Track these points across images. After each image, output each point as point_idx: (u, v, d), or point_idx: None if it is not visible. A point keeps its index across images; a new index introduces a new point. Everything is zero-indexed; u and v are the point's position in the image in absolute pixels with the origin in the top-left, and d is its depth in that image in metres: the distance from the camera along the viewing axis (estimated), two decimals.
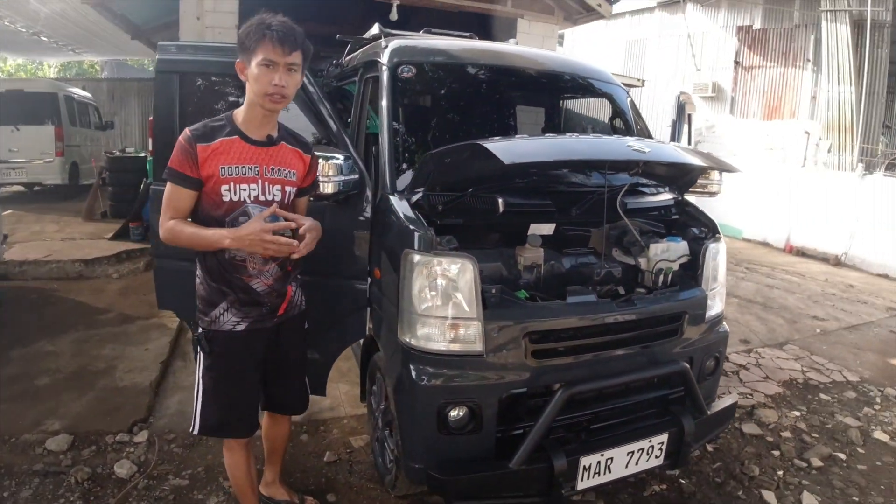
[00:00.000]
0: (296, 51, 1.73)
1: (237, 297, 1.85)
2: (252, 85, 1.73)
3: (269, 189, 1.82)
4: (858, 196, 8.20)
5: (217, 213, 1.78)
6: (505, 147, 1.72)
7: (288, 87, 1.74)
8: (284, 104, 1.79)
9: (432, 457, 2.01)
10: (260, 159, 1.81)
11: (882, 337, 5.24)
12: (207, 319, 1.87)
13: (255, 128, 1.81)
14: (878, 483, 2.87)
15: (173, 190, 1.75)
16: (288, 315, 1.98)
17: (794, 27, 12.86)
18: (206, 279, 1.86)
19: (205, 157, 1.73)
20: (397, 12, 7.05)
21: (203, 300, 1.88)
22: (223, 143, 1.76)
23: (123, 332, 4.24)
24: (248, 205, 1.79)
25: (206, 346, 1.87)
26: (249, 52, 1.71)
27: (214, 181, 1.74)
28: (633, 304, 2.22)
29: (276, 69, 1.70)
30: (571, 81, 3.01)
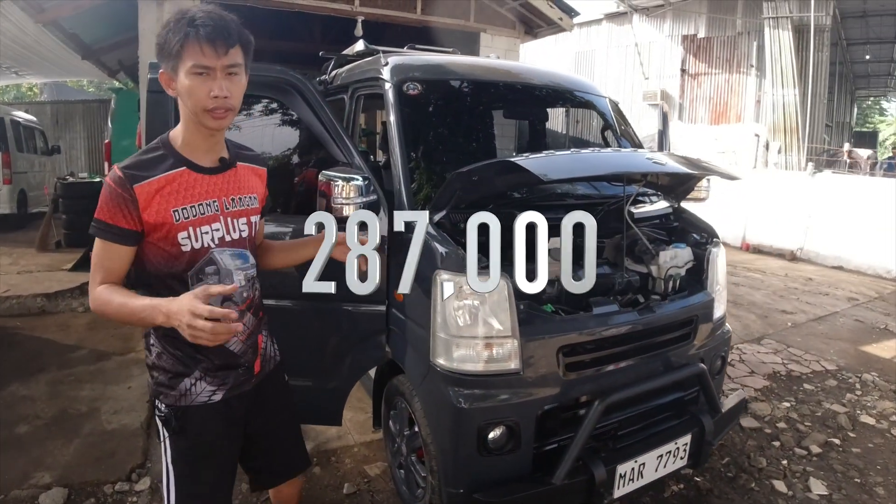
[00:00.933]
0: (233, 47, 1.33)
1: (210, 364, 1.48)
2: (186, 100, 1.34)
3: (233, 226, 1.47)
4: (810, 193, 8.65)
5: (176, 267, 1.40)
6: (540, 164, 1.74)
7: (232, 95, 1.35)
8: (230, 118, 1.39)
9: (473, 480, 1.98)
10: (218, 191, 1.45)
11: (849, 326, 5.53)
12: (175, 394, 1.47)
13: (202, 153, 1.44)
14: (875, 464, 3.03)
15: (104, 248, 1.36)
16: (265, 371, 1.63)
17: (737, 35, 13.56)
18: (167, 347, 1.45)
19: (147, 201, 1.33)
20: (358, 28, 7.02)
21: (165, 372, 1.47)
22: (169, 179, 1.37)
23: (100, 370, 4.02)
24: (213, 251, 1.43)
25: (176, 427, 1.48)
26: (174, 59, 1.31)
27: (167, 229, 1.36)
28: (653, 310, 2.27)
29: (213, 76, 1.32)
30: (566, 95, 3.08)
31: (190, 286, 1.38)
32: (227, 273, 1.43)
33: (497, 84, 2.86)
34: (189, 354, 1.46)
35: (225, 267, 1.43)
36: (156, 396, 1.50)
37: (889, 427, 3.43)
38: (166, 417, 1.48)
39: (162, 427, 1.51)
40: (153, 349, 1.48)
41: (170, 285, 1.40)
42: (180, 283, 1.40)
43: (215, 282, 1.40)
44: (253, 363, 1.57)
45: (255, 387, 1.60)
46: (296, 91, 2.38)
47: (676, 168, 2.00)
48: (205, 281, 1.40)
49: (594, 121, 3.24)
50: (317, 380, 2.52)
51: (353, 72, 3.10)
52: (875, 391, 3.95)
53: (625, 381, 2.20)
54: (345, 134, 2.30)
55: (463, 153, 2.72)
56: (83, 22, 7.25)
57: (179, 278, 1.40)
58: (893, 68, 21.10)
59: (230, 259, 1.44)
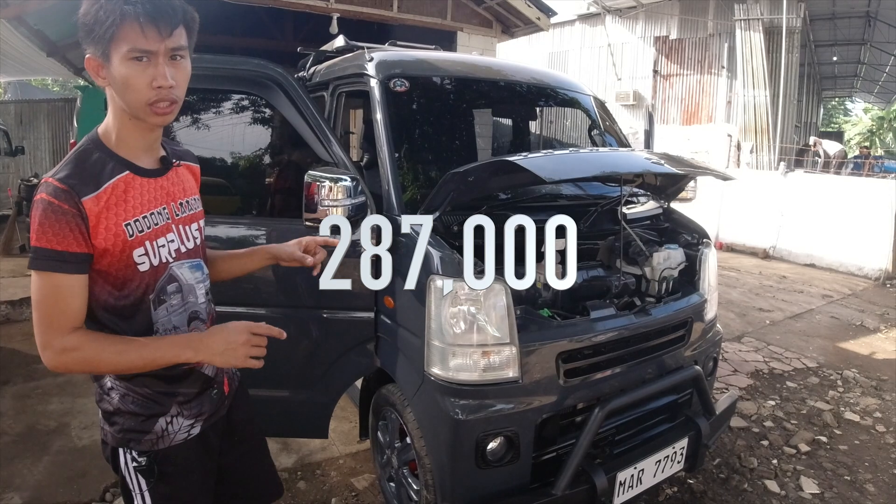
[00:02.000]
0: (178, 28, 1.12)
1: (188, 395, 1.30)
2: (122, 92, 1.12)
3: (186, 234, 1.29)
4: (782, 193, 8.81)
5: (132, 294, 1.18)
6: (541, 164, 1.67)
7: (177, 84, 1.14)
8: (175, 112, 1.18)
9: (470, 494, 1.90)
10: (165, 196, 1.25)
11: (825, 323, 5.62)
12: (150, 437, 1.25)
13: (142, 151, 1.22)
14: (863, 461, 3.05)
15: (55, 284, 1.09)
16: (232, 390, 1.46)
17: (708, 36, 13.78)
18: (132, 388, 1.23)
19: (97, 217, 1.11)
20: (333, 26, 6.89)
21: (134, 416, 1.24)
22: (115, 188, 1.15)
23: (68, 381, 3.81)
24: (172, 266, 1.23)
25: (153, 473, 1.26)
26: (106, 42, 1.08)
27: (121, 248, 1.14)
28: (649, 313, 2.23)
29: (155, 62, 1.10)
30: (554, 93, 3.03)
31: (152, 311, 1.21)
32: (189, 289, 1.27)
33: (488, 81, 2.79)
34: (162, 389, 1.26)
35: (187, 283, 1.26)
36: (122, 445, 1.26)
37: (874, 424, 3.47)
38: (145, 467, 1.26)
39: (138, 478, 1.27)
40: (113, 393, 1.24)
41: (126, 315, 1.18)
42: (139, 311, 1.19)
43: (178, 301, 1.25)
44: (223, 383, 1.41)
45: (227, 412, 1.44)
46: (277, 86, 2.27)
47: (676, 168, 1.96)
48: (167, 301, 1.23)
49: (582, 119, 3.20)
50: (301, 391, 2.42)
51: (335, 68, 2.99)
52: (857, 388, 4.00)
53: (623, 386, 2.15)
54: (330, 132, 2.20)
55: (452, 152, 2.64)
56: (48, 18, 6.95)
57: (138, 304, 1.19)
58: (860, 69, 21.78)
59: (189, 272, 1.27)
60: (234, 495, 1.50)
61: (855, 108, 31.76)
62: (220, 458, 1.43)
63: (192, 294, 1.27)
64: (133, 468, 1.26)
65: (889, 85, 23.68)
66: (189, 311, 1.28)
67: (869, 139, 24.55)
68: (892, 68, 20.47)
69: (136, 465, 1.26)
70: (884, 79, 22.59)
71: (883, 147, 23.77)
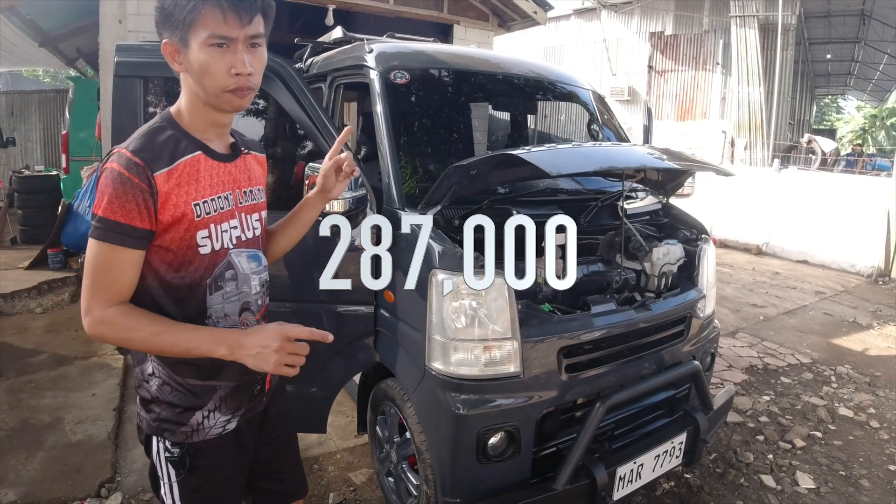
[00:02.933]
0: (256, 14, 1.13)
1: (228, 389, 1.28)
2: (199, 77, 1.13)
3: (248, 223, 1.29)
4: (776, 189, 8.85)
5: (190, 275, 1.17)
6: (546, 157, 1.66)
7: (255, 72, 1.15)
8: (250, 98, 1.19)
9: (471, 489, 1.90)
10: (232, 182, 1.26)
11: (819, 319, 5.66)
12: (185, 430, 1.25)
13: (214, 136, 1.24)
14: (857, 456, 3.08)
15: (112, 255, 1.09)
16: (273, 387, 1.45)
17: (703, 32, 13.79)
18: (173, 378, 1.23)
19: (167, 193, 1.11)
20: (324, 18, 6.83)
21: (172, 406, 1.24)
22: (188, 166, 1.16)
23: (62, 375, 3.79)
24: (231, 253, 1.23)
25: (185, 465, 1.26)
26: (184, 28, 1.10)
27: (186, 227, 1.14)
28: (650, 308, 2.23)
29: (234, 48, 1.11)
30: (554, 87, 3.01)
31: (207, 296, 1.20)
32: (244, 278, 1.25)
33: (488, 74, 2.77)
34: (203, 383, 1.25)
35: (243, 271, 1.25)
36: (156, 434, 1.26)
37: (868, 419, 3.50)
38: (178, 458, 1.25)
39: (168, 468, 1.27)
40: (153, 380, 1.24)
41: (182, 296, 1.17)
42: (196, 293, 1.18)
43: (233, 289, 1.23)
44: (265, 378, 1.38)
45: (264, 407, 1.42)
46: (277, 77, 2.24)
47: (679, 164, 1.96)
48: (224, 288, 1.22)
49: (582, 113, 3.19)
50: (300, 385, 2.40)
51: (333, 59, 2.96)
52: (850, 384, 4.03)
53: (623, 381, 2.15)
54: (330, 123, 2.17)
55: (452, 145, 2.62)
56: (41, 8, 6.87)
57: (195, 287, 1.18)
58: (853, 67, 21.90)
59: (247, 262, 1.26)
60: (264, 490, 1.48)
61: (847, 106, 31.95)
62: (254, 452, 1.41)
63: (247, 284, 1.26)
64: (165, 458, 1.26)
65: (882, 83, 23.83)
66: (242, 301, 1.26)
67: (861, 137, 24.70)
68: (885, 66, 20.60)
69: (168, 455, 1.25)
70: (877, 77, 22.74)
71: (875, 145, 23.93)
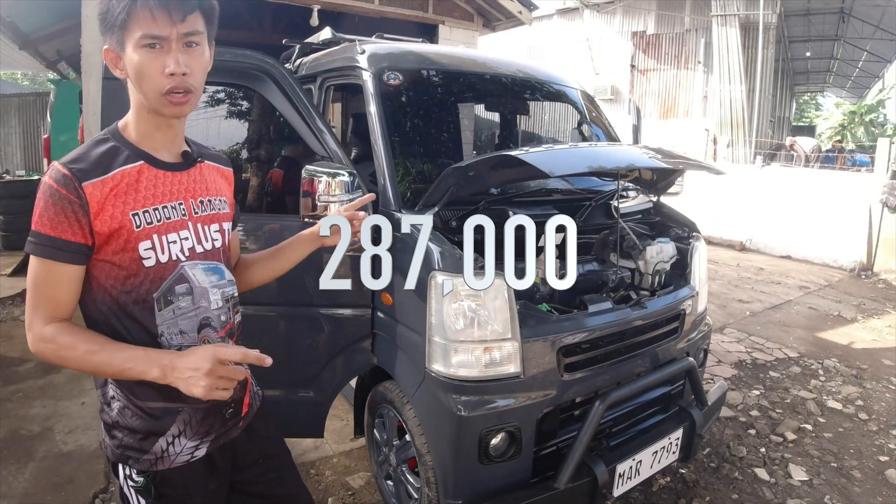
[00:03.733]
0: (192, 13, 1.09)
1: (193, 413, 1.20)
2: (137, 81, 1.09)
3: (204, 234, 1.22)
4: (759, 186, 8.98)
5: (136, 290, 1.12)
6: (544, 158, 1.67)
7: (192, 72, 1.11)
8: (192, 103, 1.14)
9: (473, 490, 1.90)
10: (183, 191, 1.20)
11: (804, 314, 5.75)
12: (149, 458, 1.18)
13: (161, 144, 1.18)
14: (848, 448, 3.14)
15: (47, 270, 1.07)
16: (252, 411, 1.37)
17: (685, 31, 13.94)
18: (132, 401, 1.17)
19: (100, 203, 1.07)
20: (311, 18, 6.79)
21: (133, 432, 1.18)
22: (126, 175, 1.12)
23: (50, 384, 3.72)
24: (183, 265, 1.17)
25: (153, 494, 1.20)
26: (119, 30, 1.07)
27: (126, 239, 1.10)
28: (645, 306, 2.25)
29: (168, 48, 1.08)
30: (544, 87, 3.03)
31: (156, 311, 1.14)
32: (202, 292, 1.18)
33: (481, 75, 2.78)
34: (164, 405, 1.18)
35: (199, 285, 1.18)
36: (121, 461, 1.20)
37: (856, 411, 3.56)
38: (143, 487, 1.19)
39: (136, 497, 1.21)
40: (114, 403, 1.18)
41: (130, 314, 1.13)
42: (143, 310, 1.13)
43: (188, 303, 1.17)
44: (242, 402, 1.30)
45: (245, 430, 1.34)
46: (269, 78, 2.22)
47: (674, 164, 1.98)
48: (175, 303, 1.16)
49: (573, 112, 3.21)
50: (297, 390, 2.39)
51: (323, 60, 2.95)
52: (838, 377, 4.11)
53: (620, 379, 2.17)
54: (325, 125, 2.16)
55: (446, 145, 2.63)
56: (21, 10, 6.75)
57: (142, 303, 1.13)
58: (833, 65, 22.27)
59: (204, 275, 1.19)
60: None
61: (826, 103, 32.48)
62: (236, 475, 1.35)
63: (205, 298, 1.19)
64: (132, 487, 1.20)
65: (861, 80, 24.27)
66: (201, 317, 1.19)
67: (841, 133, 25.15)
68: (864, 64, 20.99)
69: (133, 484, 1.20)
70: (856, 74, 23.14)
71: (855, 141, 24.39)
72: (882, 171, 7.56)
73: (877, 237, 7.64)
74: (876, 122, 25.27)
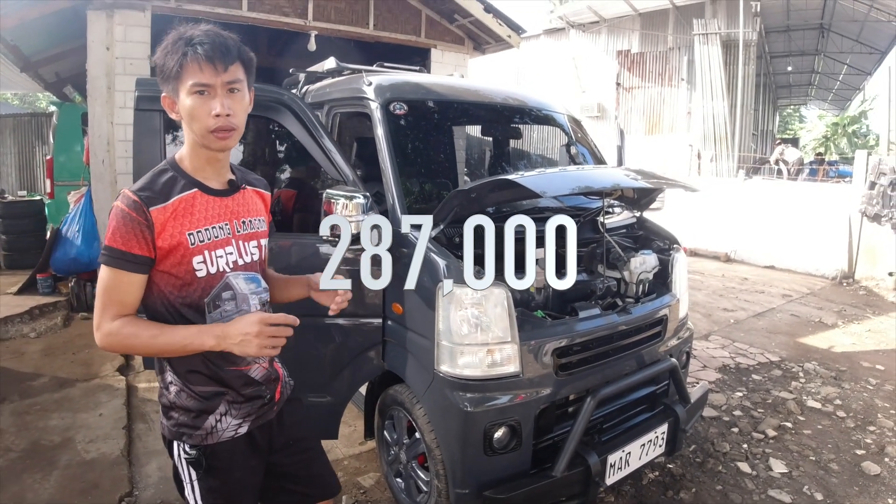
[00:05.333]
0: (233, 64, 1.32)
1: (236, 396, 1.44)
2: (189, 122, 1.33)
3: (245, 249, 1.45)
4: (742, 198, 9.29)
5: (189, 295, 1.36)
6: (535, 181, 1.90)
7: (235, 113, 1.33)
8: (235, 139, 1.38)
9: (480, 480, 2.10)
10: (229, 213, 1.44)
11: (786, 320, 6.00)
12: (200, 433, 1.42)
13: (211, 175, 1.43)
14: (826, 443, 3.36)
15: (116, 277, 1.29)
16: (283, 398, 1.60)
17: (668, 50, 14.36)
18: (186, 385, 1.41)
19: (163, 224, 1.30)
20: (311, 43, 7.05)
21: (187, 411, 1.41)
22: (183, 201, 1.35)
23: (66, 397, 3.88)
24: (228, 275, 1.39)
25: (203, 466, 1.42)
26: (174, 81, 1.31)
27: (182, 254, 1.33)
28: (630, 312, 2.47)
29: (213, 94, 1.31)
30: (535, 114, 3.28)
31: (207, 314, 1.37)
32: (243, 298, 1.39)
33: (478, 104, 3.04)
34: (213, 389, 1.42)
35: (241, 292, 1.39)
36: (177, 438, 1.43)
37: (835, 410, 3.79)
38: (195, 459, 1.41)
39: (188, 469, 1.44)
40: (171, 387, 1.42)
41: (184, 315, 1.35)
42: (195, 312, 1.36)
43: (232, 308, 1.38)
44: (274, 390, 1.54)
45: (277, 415, 1.57)
46: (288, 110, 2.44)
47: (651, 183, 2.22)
48: (222, 307, 1.38)
49: (561, 135, 3.45)
50: (313, 395, 2.58)
51: (329, 89, 3.18)
52: (817, 378, 4.35)
53: (609, 378, 2.38)
54: (340, 152, 2.38)
55: (447, 169, 2.85)
56: (25, 33, 6.91)
57: (195, 306, 1.35)
58: (814, 78, 22.90)
59: (245, 283, 1.41)
60: (284, 490, 1.61)
61: (809, 115, 33.21)
62: (270, 457, 1.56)
63: (246, 303, 1.39)
64: (185, 459, 1.43)
65: (842, 92, 24.91)
66: None
67: (824, 145, 25.77)
68: (845, 76, 21.59)
69: (187, 456, 1.42)
70: (837, 87, 23.77)
71: (838, 152, 24.99)
72: (861, 182, 7.88)
73: (857, 246, 7.94)
74: (859, 132, 25.92)
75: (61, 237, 6.02)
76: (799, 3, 13.55)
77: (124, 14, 5.85)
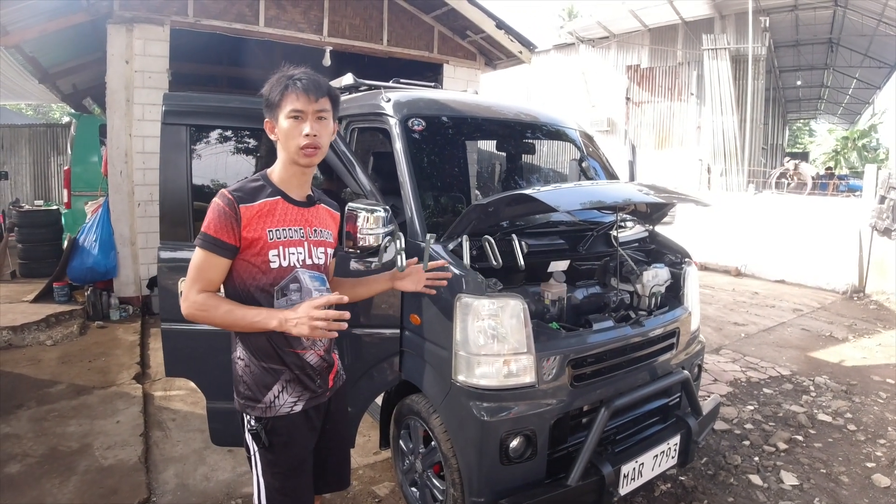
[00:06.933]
0: (323, 97, 1.62)
1: (292, 375, 1.68)
2: (284, 141, 1.63)
3: (314, 252, 1.71)
4: (752, 212, 9.30)
5: (262, 281, 1.62)
6: (552, 196, 1.95)
7: (320, 135, 1.63)
8: (320, 156, 1.66)
9: (496, 488, 2.13)
10: (303, 221, 1.70)
11: (797, 335, 6.00)
12: (262, 406, 1.66)
13: (294, 188, 1.71)
14: (837, 456, 3.37)
15: (207, 259, 1.58)
16: (335, 387, 1.83)
17: (677, 64, 14.44)
18: (252, 360, 1.67)
19: (248, 219, 1.59)
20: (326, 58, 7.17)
21: (251, 385, 1.67)
22: (267, 205, 1.63)
23: (83, 404, 3.94)
24: (297, 270, 1.63)
25: (265, 439, 1.66)
26: (276, 108, 1.62)
27: (261, 246, 1.60)
28: (643, 325, 2.51)
29: (305, 119, 1.60)
30: (550, 129, 3.35)
31: (275, 299, 1.61)
32: (307, 291, 1.60)
33: (493, 120, 3.11)
34: (273, 366, 1.66)
35: (307, 286, 1.61)
36: (244, 410, 1.69)
37: (845, 423, 3.80)
38: (256, 432, 1.66)
39: (252, 442, 1.69)
40: (240, 362, 1.69)
41: (256, 297, 1.62)
42: (265, 296, 1.62)
43: (297, 298, 1.59)
44: (327, 377, 1.78)
45: (328, 400, 1.80)
46: None
47: (663, 198, 2.27)
48: (288, 297, 1.60)
49: (573, 152, 3.51)
50: None
51: (346, 105, 3.25)
52: (828, 392, 4.35)
53: (622, 389, 2.42)
54: (361, 167, 2.45)
55: (463, 181, 2.92)
56: (44, 45, 7.09)
57: (266, 291, 1.62)
58: (823, 92, 22.92)
59: (310, 280, 1.62)
60: (319, 479, 1.83)
61: (819, 129, 33.10)
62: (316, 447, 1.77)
63: (310, 296, 1.59)
64: (249, 432, 1.69)
65: (852, 106, 24.89)
66: None
67: (834, 159, 25.69)
68: (854, 91, 21.59)
69: (252, 429, 1.68)
70: (846, 100, 23.76)
71: (849, 166, 24.90)
72: (871, 196, 7.88)
73: (867, 260, 7.93)
74: (869, 146, 25.82)
75: (78, 246, 6.11)
76: (808, 17, 13.63)
77: (144, 28, 5.98)
